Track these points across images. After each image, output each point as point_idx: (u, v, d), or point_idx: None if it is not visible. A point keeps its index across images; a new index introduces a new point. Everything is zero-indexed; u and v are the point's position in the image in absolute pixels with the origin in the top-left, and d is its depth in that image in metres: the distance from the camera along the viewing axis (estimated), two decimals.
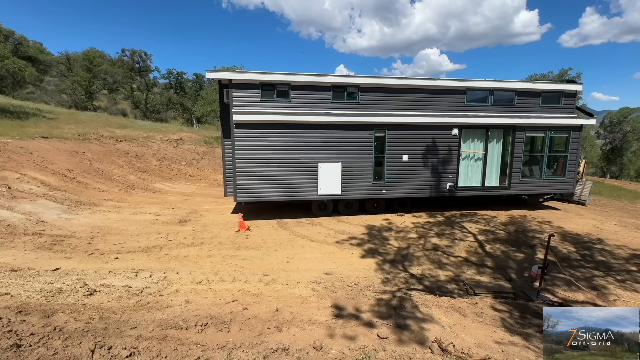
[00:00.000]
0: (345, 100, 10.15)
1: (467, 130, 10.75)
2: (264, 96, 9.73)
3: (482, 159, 11.01)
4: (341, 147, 10.07)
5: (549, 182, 11.53)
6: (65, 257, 6.58)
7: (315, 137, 9.89)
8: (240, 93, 9.61)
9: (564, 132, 11.21)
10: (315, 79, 9.81)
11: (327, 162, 10.04)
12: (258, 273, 6.20)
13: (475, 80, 10.77)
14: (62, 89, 37.46)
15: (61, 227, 8.39)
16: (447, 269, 6.77)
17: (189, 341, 3.52)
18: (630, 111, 42.89)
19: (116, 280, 5.47)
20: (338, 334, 3.80)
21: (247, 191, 9.80)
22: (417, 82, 10.38)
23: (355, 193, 10.40)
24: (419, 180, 10.69)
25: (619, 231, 9.66)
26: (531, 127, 10.94)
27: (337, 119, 9.84)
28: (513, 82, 10.97)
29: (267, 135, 9.63)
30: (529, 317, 4.66)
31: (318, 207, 10.60)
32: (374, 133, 10.18)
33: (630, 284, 6.15)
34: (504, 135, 11.01)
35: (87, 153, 15.25)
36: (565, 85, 11.37)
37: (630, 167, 42.73)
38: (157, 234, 8.50)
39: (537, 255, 7.51)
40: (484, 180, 11.09)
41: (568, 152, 11.32)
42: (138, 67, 43.70)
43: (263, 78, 9.64)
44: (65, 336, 3.36)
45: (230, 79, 9.51)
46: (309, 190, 10.11)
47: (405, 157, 10.47)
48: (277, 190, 9.96)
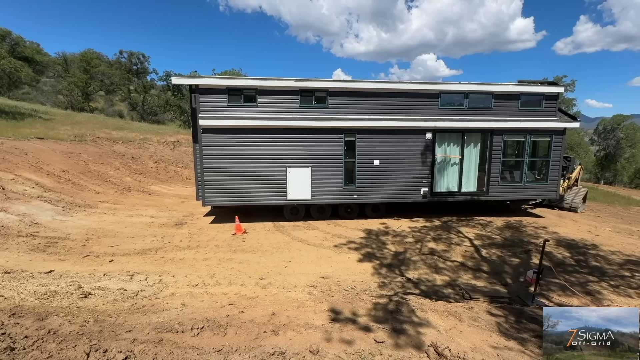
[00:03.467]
0: (314, 105, 10.06)
1: (441, 135, 10.53)
2: (231, 101, 9.68)
3: (458, 163, 10.81)
4: (310, 152, 9.97)
5: (530, 188, 11.30)
6: (60, 260, 6.52)
7: (284, 141, 9.80)
8: (207, 98, 9.56)
9: (546, 135, 10.96)
10: (282, 83, 9.74)
11: (296, 167, 9.94)
12: (254, 276, 6.18)
13: (449, 84, 10.65)
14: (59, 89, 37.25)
15: (56, 228, 8.31)
16: (444, 274, 6.80)
17: (185, 345, 3.50)
18: (623, 118, 43.52)
19: (111, 283, 5.43)
20: (335, 338, 3.80)
21: (215, 195, 9.74)
22: (388, 86, 10.25)
23: (325, 198, 10.28)
24: (391, 186, 10.52)
25: (613, 237, 9.76)
26: (510, 130, 10.69)
27: (305, 124, 9.75)
28: (490, 84, 10.72)
29: (234, 140, 9.58)
30: (525, 321, 4.69)
31: (290, 211, 10.51)
32: (344, 138, 10.05)
33: (623, 289, 6.21)
34: (481, 139, 10.76)
35: (83, 154, 15.15)
36: (547, 87, 11.08)
37: (623, 174, 43.24)
38: (153, 236, 8.45)
39: (533, 260, 7.56)
40: (460, 186, 10.89)
41: (550, 156, 11.03)
42: (135, 69, 43.58)
43: (229, 83, 9.64)
44: (60, 339, 3.33)
45: (197, 84, 9.46)
46: (278, 195, 10.01)
47: (376, 162, 10.30)
48: (246, 195, 9.88)
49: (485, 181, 10.93)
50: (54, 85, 38.49)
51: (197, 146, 9.74)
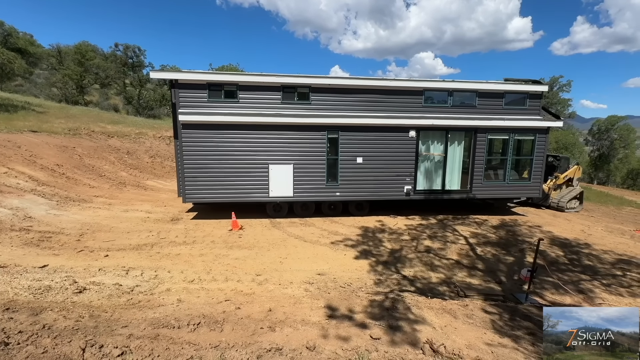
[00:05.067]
0: (296, 101, 9.93)
1: (425, 133, 10.49)
2: (212, 96, 9.54)
3: (442, 162, 10.79)
4: (292, 149, 9.89)
5: (513, 187, 11.30)
6: (54, 254, 6.46)
7: (265, 138, 9.72)
8: (187, 93, 9.43)
9: (530, 134, 10.93)
10: (264, 79, 9.62)
11: (278, 164, 9.87)
12: (251, 273, 6.17)
13: (433, 81, 10.54)
14: (53, 82, 36.68)
15: (49, 223, 8.23)
16: (439, 271, 6.85)
17: (182, 340, 3.49)
18: (617, 119, 43.93)
19: (106, 278, 5.39)
20: (331, 334, 3.82)
21: (195, 192, 9.66)
22: (372, 83, 10.10)
23: (307, 195, 10.22)
24: (374, 183, 10.47)
25: (605, 236, 9.90)
26: (494, 129, 10.67)
27: (287, 120, 9.65)
28: (474, 82, 10.59)
29: (215, 136, 9.48)
30: (518, 319, 4.75)
31: (273, 208, 10.47)
32: (327, 135, 9.97)
33: (615, 288, 6.30)
34: (465, 137, 10.72)
35: (78, 148, 14.98)
36: (531, 86, 10.97)
37: (616, 174, 43.75)
38: (149, 231, 8.40)
39: (527, 258, 7.65)
40: (444, 184, 10.90)
41: (534, 155, 11.02)
42: (131, 63, 43.09)
43: (210, 78, 9.47)
44: (55, 334, 3.31)
45: (176, 79, 9.31)
46: (260, 192, 9.94)
47: (359, 159, 10.25)
48: (227, 192, 9.81)
49: (468, 179, 10.93)
50: (48, 77, 37.90)
51: (178, 142, 9.54)
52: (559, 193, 13.55)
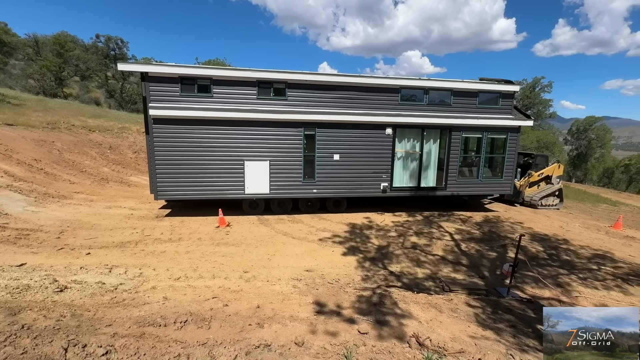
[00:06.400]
0: (272, 97, 9.80)
1: (401, 130, 10.59)
2: (184, 91, 9.28)
3: (418, 159, 10.95)
4: (269, 145, 9.81)
5: (486, 184, 11.60)
6: (32, 252, 6.24)
7: (240, 134, 9.59)
8: (158, 87, 9.11)
9: (502, 133, 11.22)
10: (239, 73, 9.46)
11: (254, 160, 9.78)
12: (238, 270, 6.13)
13: (410, 79, 10.64)
14: (29, 73, 35.10)
15: (27, 220, 7.93)
16: (425, 267, 6.98)
17: (168, 338, 3.45)
18: (595, 120, 45.67)
19: (88, 277, 5.25)
20: (320, 330, 3.85)
21: (168, 189, 9.46)
22: (349, 80, 10.06)
23: (284, 192, 10.19)
24: (351, 180, 10.52)
25: (583, 232, 10.31)
26: (468, 127, 10.90)
27: (263, 116, 9.51)
28: (449, 81, 10.70)
29: (188, 131, 9.28)
30: (500, 312, 4.90)
31: (249, 205, 10.42)
32: (304, 131, 9.91)
33: (591, 281, 6.59)
34: (440, 135, 10.90)
35: (57, 143, 14.44)
36: (503, 85, 11.17)
37: (593, 173, 45.57)
38: (133, 229, 8.21)
39: (509, 254, 7.89)
40: (419, 181, 11.04)
41: (506, 153, 11.33)
42: (113, 55, 41.66)
43: (182, 72, 9.14)
44: (35, 334, 3.20)
45: (147, 72, 8.97)
46: (235, 189, 9.84)
47: (336, 156, 10.26)
48: (201, 189, 9.65)
49: (443, 177, 11.13)
50: (24, 68, 36.24)
51: (149, 137, 9.24)
52: (535, 190, 13.97)
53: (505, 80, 11.42)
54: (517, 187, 13.53)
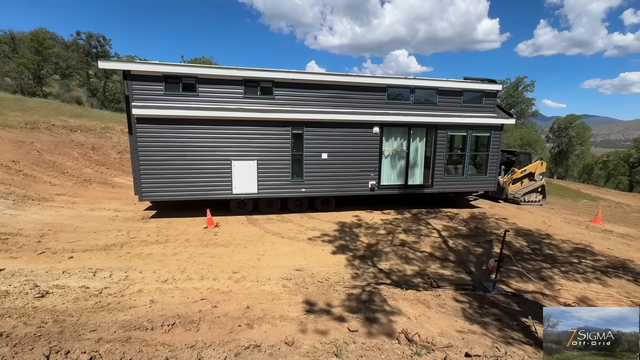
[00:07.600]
0: (259, 96, 9.70)
1: (388, 129, 10.66)
2: (169, 89, 9.11)
3: (405, 157, 11.03)
4: (256, 145, 9.75)
5: (471, 181, 11.79)
6: (11, 257, 6.02)
7: (227, 133, 9.49)
8: (141, 86, 8.91)
9: (486, 131, 11.40)
10: (224, 72, 9.34)
11: (241, 160, 9.69)
12: (227, 270, 6.07)
13: (396, 78, 10.71)
14: (6, 71, 33.75)
15: (5, 224, 7.63)
16: (414, 264, 7.07)
17: (156, 342, 3.38)
18: (575, 118, 47.16)
19: (71, 281, 5.10)
20: (310, 329, 3.85)
21: (153, 190, 9.28)
22: (337, 79, 10.06)
23: (272, 192, 10.14)
24: (339, 179, 10.52)
25: (564, 227, 10.64)
26: (453, 125, 11.04)
27: (250, 115, 9.39)
28: (434, 80, 10.82)
29: (173, 131, 9.11)
30: (487, 307, 5.01)
31: (237, 205, 10.35)
32: (291, 130, 9.86)
33: (572, 274, 6.81)
34: (426, 133, 11.04)
35: (36, 143, 13.96)
36: (486, 84, 11.33)
37: (574, 169, 47.10)
38: (117, 231, 8.02)
39: (494, 249, 8.07)
40: (407, 179, 11.15)
41: (489, 151, 11.57)
42: (95, 52, 40.51)
43: (166, 70, 8.92)
44: (14, 342, 3.09)
45: (129, 70, 8.70)
46: (222, 189, 9.74)
47: (324, 155, 10.28)
48: (188, 189, 9.50)
49: (430, 174, 11.29)
50: (0, 66, 34.88)
51: (132, 137, 9.01)
52: (519, 186, 14.37)
53: (489, 79, 11.68)
54: (500, 184, 13.86)
